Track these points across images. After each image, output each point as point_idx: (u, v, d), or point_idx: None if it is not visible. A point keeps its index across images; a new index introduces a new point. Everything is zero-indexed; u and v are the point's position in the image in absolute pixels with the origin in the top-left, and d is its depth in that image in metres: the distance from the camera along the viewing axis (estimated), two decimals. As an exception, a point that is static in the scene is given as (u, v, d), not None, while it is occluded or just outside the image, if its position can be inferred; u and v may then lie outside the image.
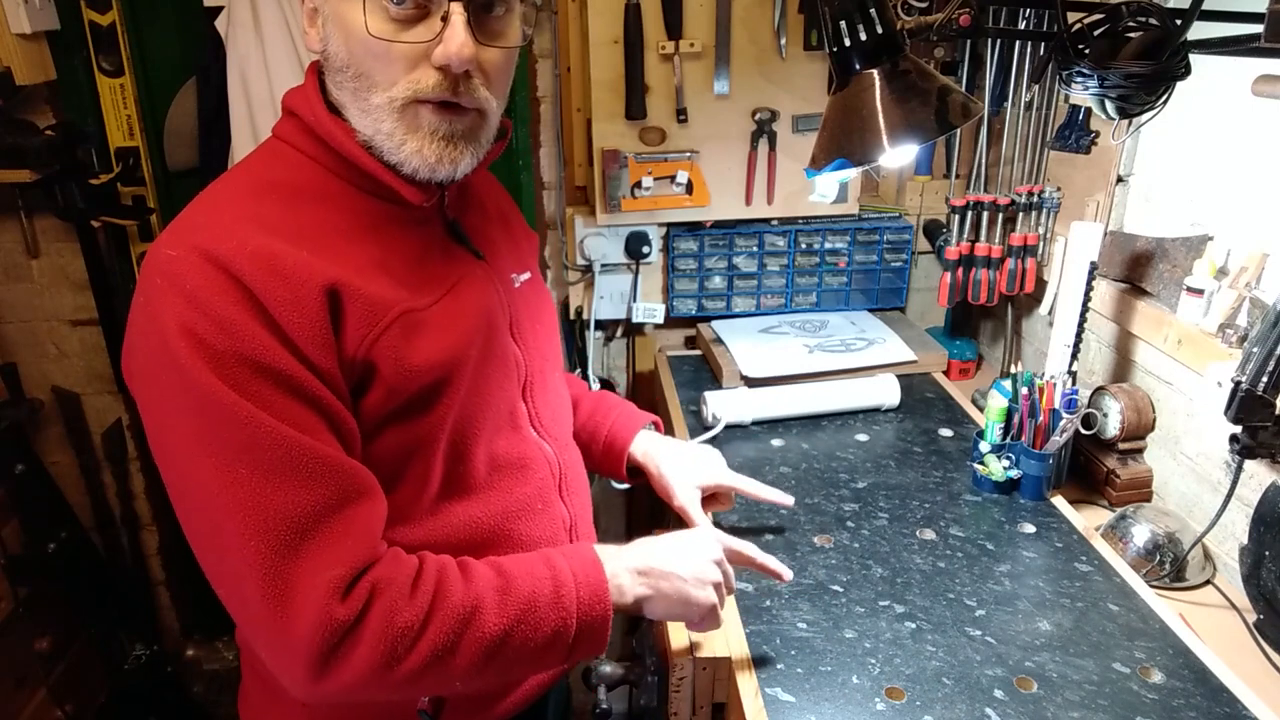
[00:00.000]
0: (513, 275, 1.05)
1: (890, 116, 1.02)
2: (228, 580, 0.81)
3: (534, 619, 0.87)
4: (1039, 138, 1.79)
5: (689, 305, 2.03)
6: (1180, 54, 1.03)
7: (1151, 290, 1.52)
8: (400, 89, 0.83)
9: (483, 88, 0.86)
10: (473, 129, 0.88)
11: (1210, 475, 1.39)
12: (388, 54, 0.82)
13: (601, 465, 1.28)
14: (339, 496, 0.81)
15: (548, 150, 1.98)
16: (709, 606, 0.97)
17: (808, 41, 1.81)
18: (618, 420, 1.27)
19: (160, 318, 0.78)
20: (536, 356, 1.05)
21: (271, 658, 0.82)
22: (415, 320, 0.87)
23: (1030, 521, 1.34)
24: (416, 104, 0.84)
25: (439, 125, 0.85)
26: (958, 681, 1.03)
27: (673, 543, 1.00)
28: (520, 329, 1.03)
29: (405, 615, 0.82)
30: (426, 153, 0.85)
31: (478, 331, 0.94)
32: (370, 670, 0.80)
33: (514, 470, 1.00)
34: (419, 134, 0.85)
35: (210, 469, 0.77)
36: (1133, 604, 1.16)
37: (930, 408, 1.71)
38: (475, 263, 0.98)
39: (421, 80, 0.82)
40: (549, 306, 1.15)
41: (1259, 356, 1.15)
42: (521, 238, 1.14)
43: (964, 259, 1.87)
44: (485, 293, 0.97)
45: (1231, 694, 1.01)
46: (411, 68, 0.82)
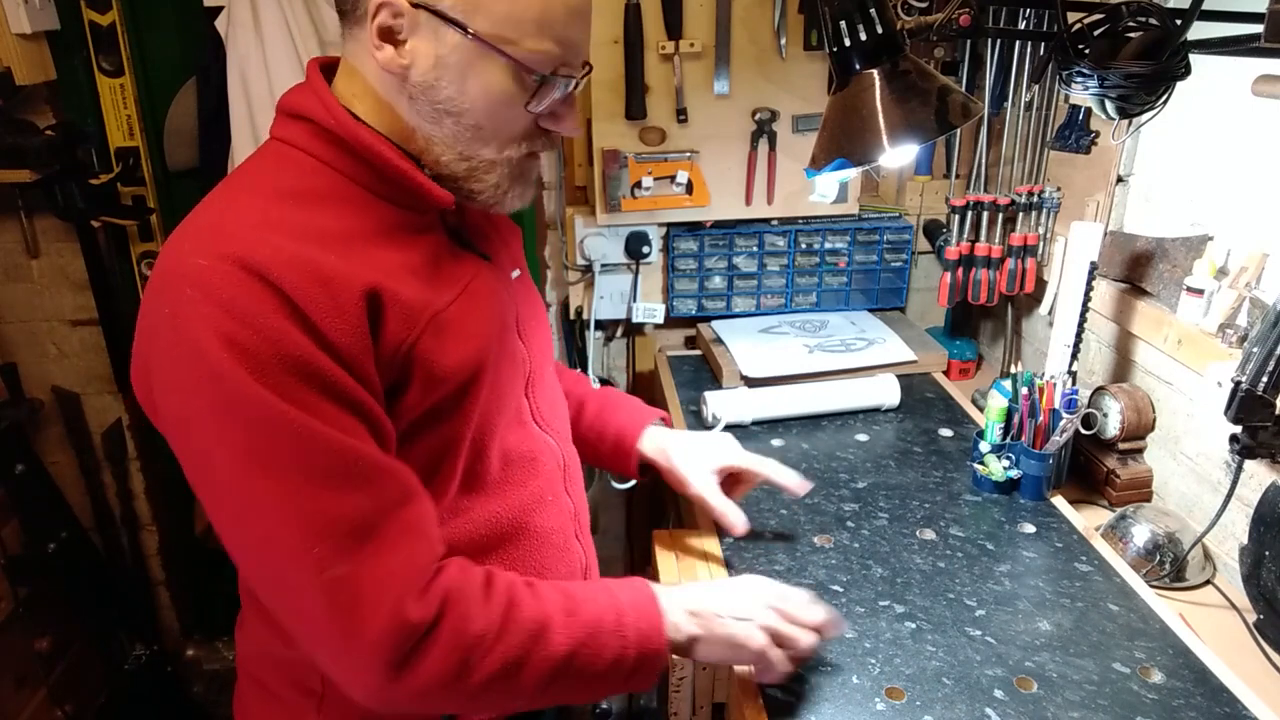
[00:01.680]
0: (510, 273, 1.07)
1: (890, 116, 1.02)
2: (289, 595, 0.80)
3: (597, 644, 0.87)
4: (1039, 138, 1.79)
5: (689, 305, 2.03)
6: (1180, 54, 1.03)
7: (1151, 290, 1.52)
8: (519, 149, 0.90)
9: None
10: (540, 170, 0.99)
11: (1210, 475, 1.39)
12: (522, 120, 0.88)
13: (611, 463, 1.28)
14: (395, 498, 0.81)
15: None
16: (758, 650, 0.95)
17: (808, 41, 1.81)
18: (626, 417, 1.27)
19: (193, 330, 0.75)
20: (537, 352, 1.07)
21: (341, 669, 0.81)
22: (442, 321, 0.88)
23: (1030, 521, 1.34)
24: (525, 158, 0.92)
25: (535, 172, 0.95)
26: (958, 681, 1.03)
27: (724, 586, 1.00)
28: (524, 326, 1.04)
29: (479, 623, 0.82)
30: (526, 197, 0.95)
31: (494, 330, 0.96)
32: (443, 677, 0.80)
33: (525, 465, 1.01)
34: (523, 184, 0.94)
35: (261, 481, 0.76)
36: (1133, 604, 1.16)
37: (930, 408, 1.71)
38: (482, 263, 0.99)
39: (538, 143, 0.91)
40: (540, 301, 1.17)
41: (1259, 356, 1.15)
42: (508, 237, 1.14)
43: (964, 259, 1.87)
44: (495, 292, 0.98)
45: (1231, 694, 1.01)
46: (530, 129, 0.90)
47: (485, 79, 0.84)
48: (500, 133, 0.87)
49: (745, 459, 1.23)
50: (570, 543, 1.08)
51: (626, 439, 1.25)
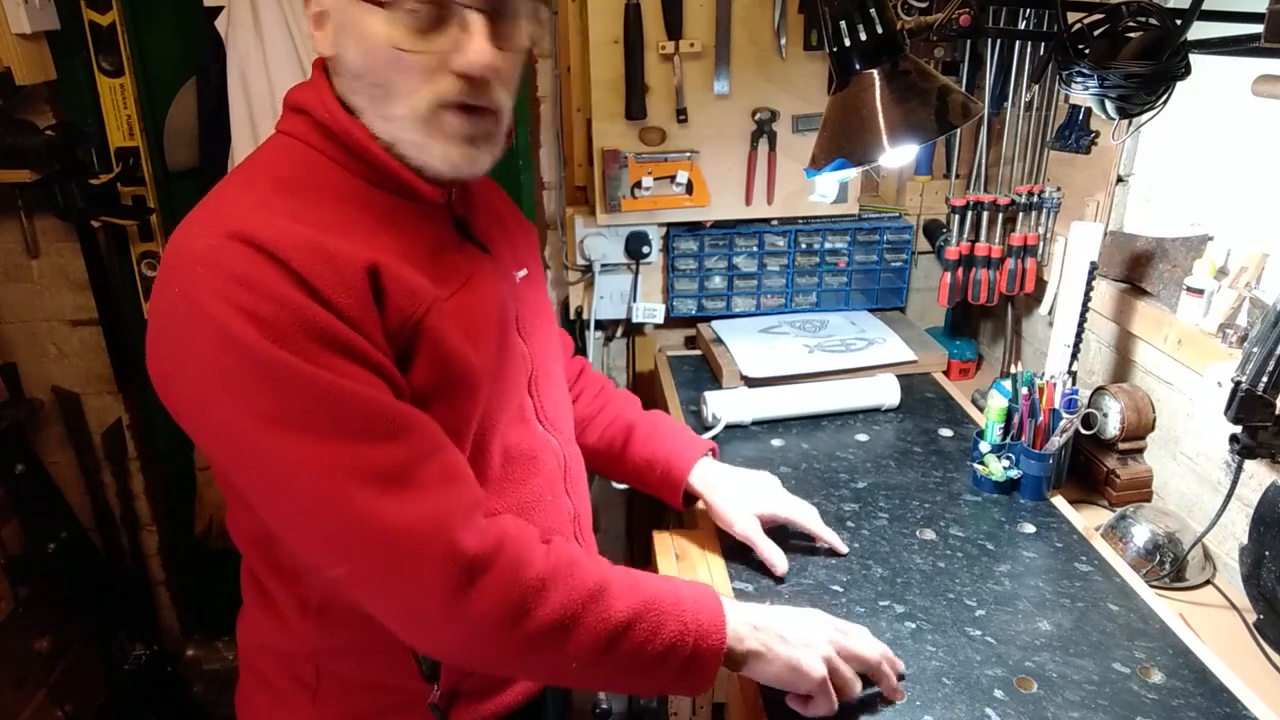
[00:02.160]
0: (514, 272, 1.07)
1: (890, 116, 1.02)
2: (343, 552, 0.80)
3: (657, 621, 0.87)
4: (1039, 138, 1.79)
5: (689, 305, 2.03)
6: (1180, 54, 1.03)
7: (1151, 290, 1.52)
8: (422, 98, 0.84)
9: (500, 90, 0.88)
10: (492, 132, 0.90)
11: (1210, 475, 1.39)
12: (407, 64, 0.83)
13: (657, 490, 1.29)
14: (427, 446, 0.83)
15: (548, 150, 1.98)
16: (819, 680, 0.93)
17: (808, 41, 1.81)
18: (676, 446, 1.27)
19: (208, 306, 0.76)
20: (540, 351, 1.07)
21: (397, 611, 0.81)
22: (443, 309, 0.88)
23: (1030, 521, 1.33)
24: (439, 110, 0.85)
25: (462, 128, 0.86)
26: (958, 681, 1.03)
27: (787, 611, 0.99)
28: (525, 324, 1.05)
29: (535, 570, 0.83)
30: (453, 156, 0.87)
31: (494, 324, 0.96)
32: (499, 616, 0.80)
33: (526, 463, 1.02)
34: (443, 139, 0.86)
35: (297, 442, 0.77)
36: (1133, 604, 1.16)
37: (930, 408, 1.71)
38: (484, 258, 1.00)
39: (442, 87, 0.84)
40: (547, 302, 1.17)
41: (1259, 356, 1.15)
42: (519, 235, 1.15)
43: (964, 259, 1.87)
44: (496, 287, 0.99)
45: (1231, 694, 1.01)
46: (430, 76, 0.83)
47: (360, 29, 0.83)
48: (395, 84, 0.84)
49: (789, 510, 1.25)
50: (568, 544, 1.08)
51: (675, 471, 1.26)
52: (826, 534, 1.24)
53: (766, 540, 1.21)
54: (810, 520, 1.24)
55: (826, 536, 1.24)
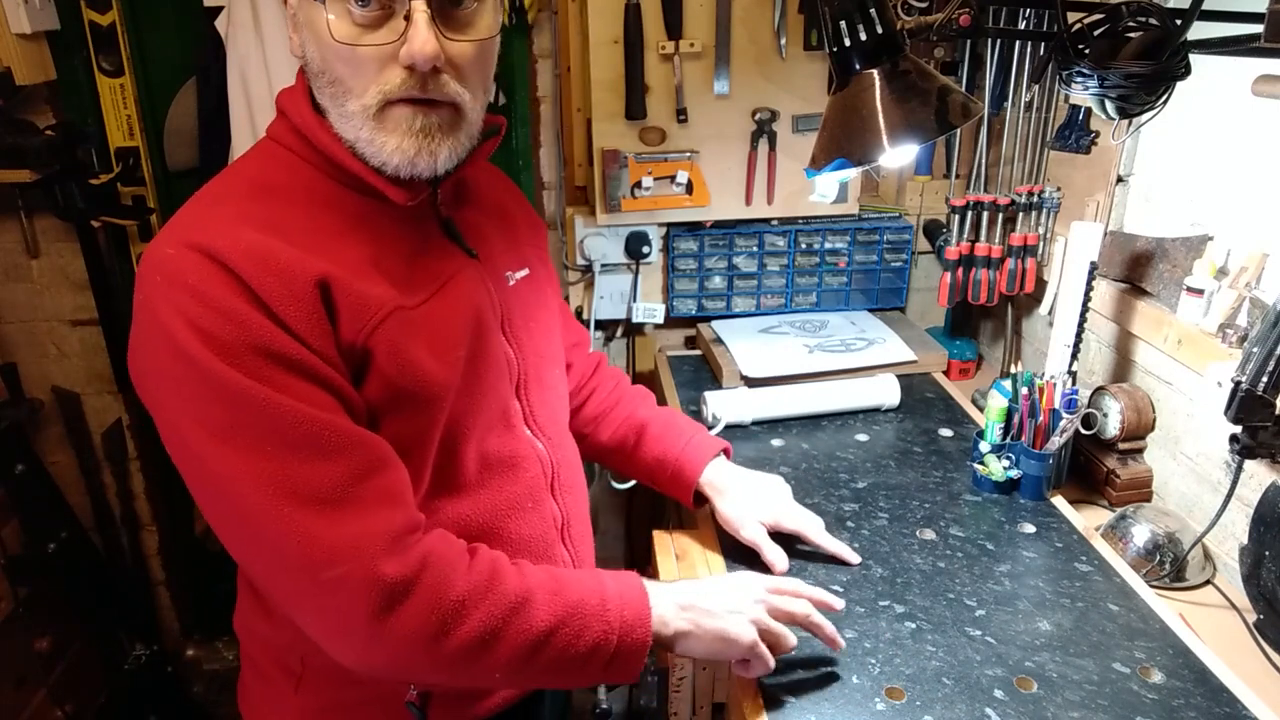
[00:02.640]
0: (508, 273, 1.06)
1: (890, 116, 1.02)
2: (270, 565, 0.82)
3: (579, 625, 0.88)
4: (1039, 138, 1.79)
5: (689, 305, 2.03)
6: (1180, 54, 1.03)
7: (1151, 290, 1.52)
8: (371, 94, 0.83)
9: (453, 82, 0.85)
10: (448, 123, 0.87)
11: (1210, 475, 1.39)
12: (355, 58, 0.82)
13: (668, 489, 1.29)
14: (366, 465, 0.83)
15: (548, 150, 1.98)
16: (748, 644, 0.96)
17: (808, 41, 1.81)
18: (688, 447, 1.27)
19: (163, 314, 0.78)
20: (531, 354, 1.05)
21: (323, 631, 0.83)
22: (406, 318, 0.88)
23: (1030, 521, 1.33)
24: (388, 105, 0.84)
25: (413, 120, 0.85)
26: (958, 681, 1.03)
27: (715, 581, 1.02)
28: (513, 327, 1.03)
29: (458, 589, 0.84)
30: (405, 147, 0.85)
31: (467, 331, 0.94)
32: (420, 637, 0.82)
33: (504, 468, 1.01)
34: (396, 132, 0.85)
35: (235, 456, 0.78)
36: (1133, 604, 1.16)
37: (930, 408, 1.71)
38: (467, 261, 0.99)
39: (389, 81, 0.83)
40: (550, 302, 1.14)
41: (1259, 356, 1.15)
42: (524, 232, 1.13)
43: (964, 259, 1.87)
44: (475, 292, 0.97)
45: (1231, 694, 1.01)
46: (380, 70, 0.83)
47: (314, 27, 0.84)
48: (347, 80, 0.84)
49: (795, 521, 1.24)
50: (552, 550, 1.07)
51: (687, 471, 1.26)
52: (834, 546, 1.23)
53: (771, 545, 1.21)
54: (816, 533, 1.24)
55: (834, 549, 1.23)
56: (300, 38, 0.87)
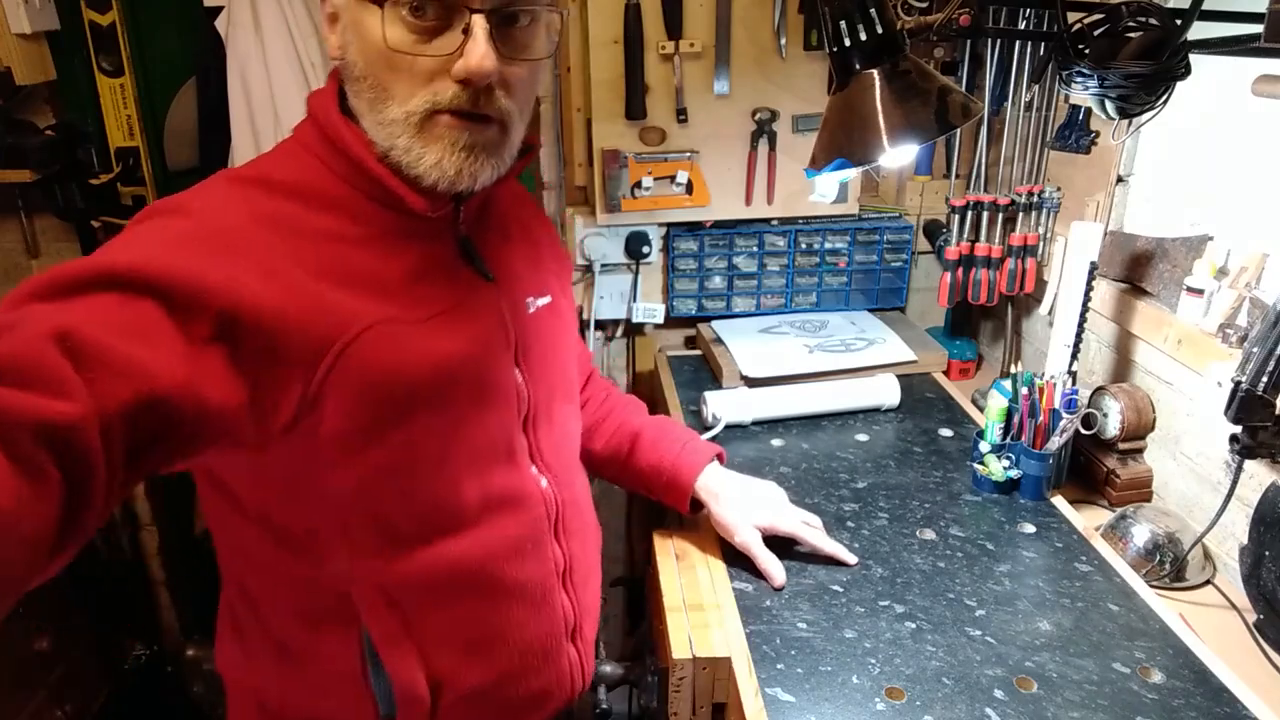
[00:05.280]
0: (529, 299, 1.01)
1: (890, 116, 1.02)
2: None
3: None
4: (1039, 138, 1.79)
5: (689, 305, 2.03)
6: (1180, 54, 1.03)
7: (1152, 290, 1.52)
8: (418, 102, 0.81)
9: (504, 99, 0.83)
10: (494, 142, 0.85)
11: (1210, 475, 1.38)
12: (407, 67, 0.80)
13: (663, 496, 1.27)
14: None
15: (548, 150, 1.98)
16: None
17: (808, 41, 1.81)
18: (683, 453, 1.25)
19: None
20: (543, 387, 1.01)
21: None
22: (394, 334, 0.84)
23: (1030, 521, 1.33)
24: (434, 114, 0.81)
25: (459, 136, 0.82)
26: (958, 681, 1.03)
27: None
28: (528, 357, 0.98)
29: None
30: (446, 164, 0.83)
31: (470, 358, 0.90)
32: None
33: (505, 508, 0.96)
34: (439, 145, 0.82)
35: None
36: (1133, 604, 1.16)
37: (930, 408, 1.71)
38: (482, 285, 0.95)
39: (440, 92, 0.80)
40: (567, 334, 1.11)
41: (1259, 356, 1.15)
42: (549, 261, 1.09)
43: (964, 259, 1.87)
44: (486, 318, 0.94)
45: (1231, 694, 1.01)
46: (430, 81, 0.80)
47: (361, 29, 0.81)
48: (393, 87, 0.81)
49: (790, 523, 1.23)
50: (552, 596, 1.02)
51: (683, 477, 1.24)
52: (830, 547, 1.23)
53: (765, 551, 1.20)
54: (812, 534, 1.23)
55: (830, 550, 1.23)
56: (341, 38, 0.85)
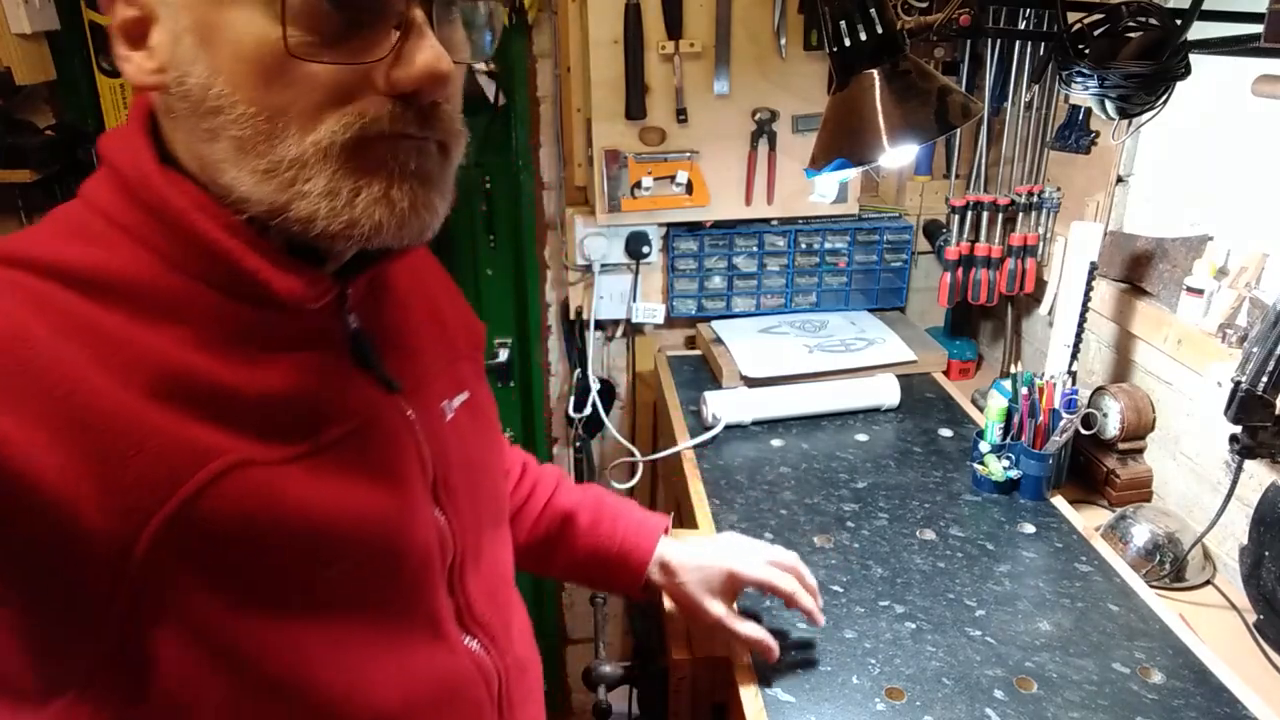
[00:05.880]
0: (445, 403, 0.76)
1: (890, 117, 1.02)
2: None
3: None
4: (1039, 138, 1.79)
5: (689, 305, 2.03)
6: (1180, 54, 1.03)
7: (1151, 290, 1.52)
8: (334, 125, 0.55)
9: (452, 112, 0.61)
10: (440, 167, 0.61)
11: (1210, 475, 1.39)
12: (316, 82, 0.55)
13: (610, 586, 1.06)
14: None
15: (547, 150, 1.98)
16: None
17: (808, 41, 1.81)
18: (629, 533, 1.04)
19: None
20: (471, 521, 0.75)
21: None
22: (255, 483, 0.58)
23: (1030, 522, 1.34)
24: (366, 142, 0.56)
25: (407, 158, 0.58)
26: (958, 682, 1.03)
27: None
28: (450, 487, 0.73)
29: None
30: (396, 197, 0.57)
31: (371, 507, 0.64)
32: None
33: (434, 704, 0.70)
34: (380, 176, 0.57)
35: None
36: (1133, 604, 1.16)
37: (930, 408, 1.71)
38: (383, 398, 0.68)
39: (369, 111, 0.56)
40: (490, 433, 0.84)
41: (1259, 356, 1.15)
42: (459, 338, 0.83)
43: (964, 259, 1.87)
44: (392, 444, 0.68)
45: (1231, 694, 1.01)
46: (350, 98, 0.55)
47: (230, 33, 0.54)
48: (289, 109, 0.55)
49: (757, 570, 1.02)
50: None
51: (633, 558, 1.03)
52: (804, 603, 1.02)
53: (742, 624, 1.02)
54: (784, 581, 1.02)
55: (803, 604, 1.02)
56: (171, 54, 0.56)
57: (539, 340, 2.12)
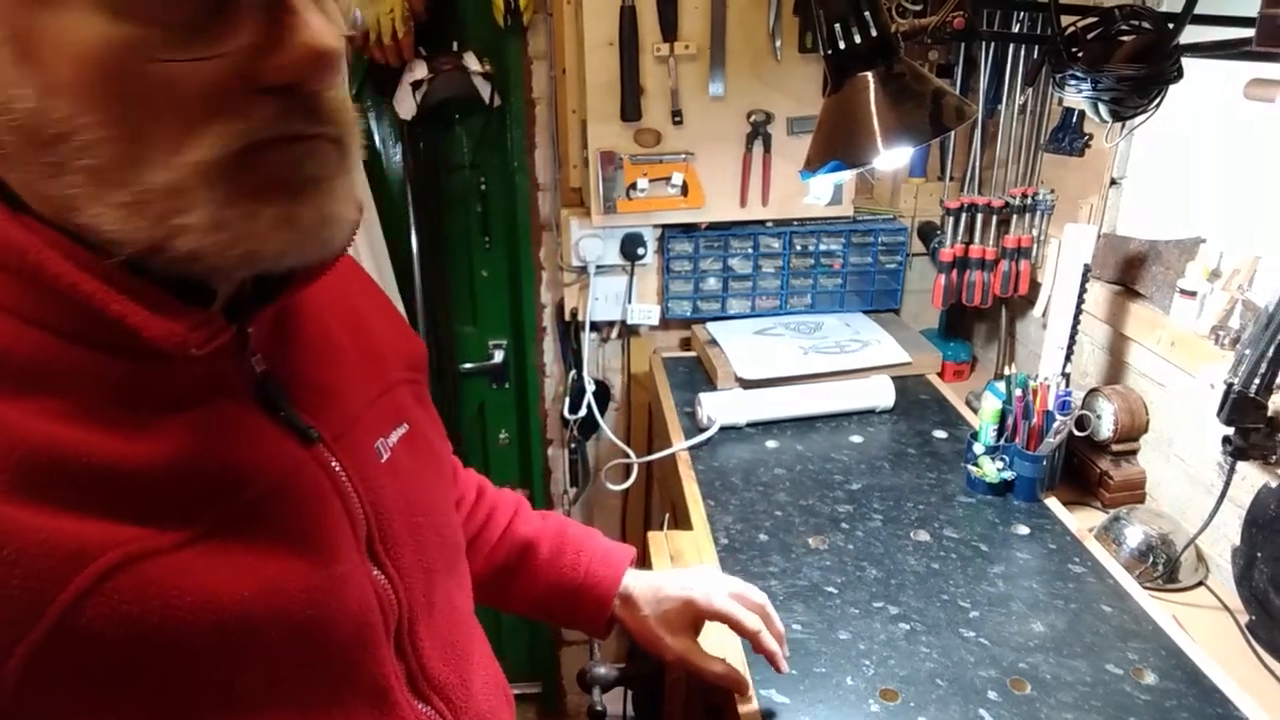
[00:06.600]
0: (379, 442, 0.67)
1: (885, 119, 1.02)
2: None
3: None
4: (1033, 140, 1.79)
5: (684, 307, 2.03)
6: (1173, 57, 1.03)
7: (1145, 292, 1.52)
8: (215, 141, 0.46)
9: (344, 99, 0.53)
10: (338, 166, 0.52)
11: (1203, 477, 1.39)
12: (182, 85, 0.45)
13: (571, 621, 0.98)
14: None
15: (543, 152, 1.98)
16: None
17: (803, 44, 1.81)
18: (593, 561, 0.97)
19: None
20: (418, 572, 0.67)
21: None
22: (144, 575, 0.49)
23: (1024, 523, 1.34)
24: (249, 153, 0.47)
25: (303, 163, 0.50)
26: (952, 683, 1.03)
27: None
28: (390, 539, 0.65)
29: None
30: (300, 214, 0.49)
31: (287, 585, 0.55)
32: None
33: None
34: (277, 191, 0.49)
35: None
36: (1126, 605, 1.16)
37: (924, 409, 1.72)
38: (300, 452, 0.59)
39: (254, 114, 0.47)
40: (433, 463, 0.75)
41: (1251, 359, 1.16)
42: (393, 362, 0.74)
43: (958, 261, 1.87)
44: (312, 507, 0.59)
45: (1223, 695, 1.01)
46: (225, 101, 0.46)
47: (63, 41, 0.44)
48: (152, 125, 0.45)
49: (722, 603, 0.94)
50: None
51: (596, 591, 0.96)
52: (766, 643, 0.94)
53: (708, 660, 0.96)
54: (749, 619, 0.94)
55: (766, 646, 0.94)
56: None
57: (534, 342, 2.12)
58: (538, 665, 2.45)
